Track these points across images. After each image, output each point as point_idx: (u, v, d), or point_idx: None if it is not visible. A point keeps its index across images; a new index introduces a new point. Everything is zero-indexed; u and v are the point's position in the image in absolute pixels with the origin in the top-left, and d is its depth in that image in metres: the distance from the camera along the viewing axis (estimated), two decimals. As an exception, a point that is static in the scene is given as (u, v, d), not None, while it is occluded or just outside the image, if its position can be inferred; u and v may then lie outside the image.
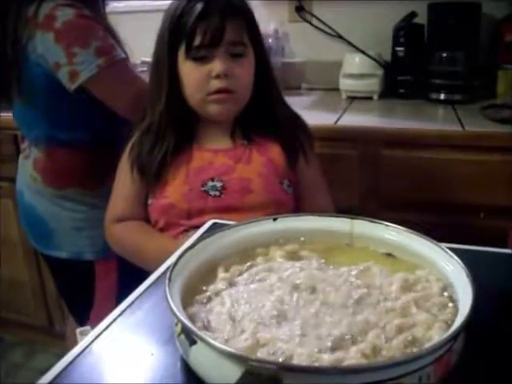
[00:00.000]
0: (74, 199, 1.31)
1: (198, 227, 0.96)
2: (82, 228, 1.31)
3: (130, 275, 0.97)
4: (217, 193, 1.07)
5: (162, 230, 1.11)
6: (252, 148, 1.11)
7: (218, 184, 1.07)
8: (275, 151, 1.12)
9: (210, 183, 1.07)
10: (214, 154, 1.10)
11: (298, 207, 1.15)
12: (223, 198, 1.07)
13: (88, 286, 1.35)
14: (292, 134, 1.14)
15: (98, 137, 1.30)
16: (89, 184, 1.31)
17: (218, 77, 1.02)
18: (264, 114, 1.13)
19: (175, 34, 1.03)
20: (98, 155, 1.30)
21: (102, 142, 1.30)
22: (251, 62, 1.08)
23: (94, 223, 1.28)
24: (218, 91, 1.04)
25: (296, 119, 1.18)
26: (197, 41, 1.01)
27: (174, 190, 1.08)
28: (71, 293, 1.44)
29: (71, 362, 0.54)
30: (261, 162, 1.10)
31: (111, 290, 1.34)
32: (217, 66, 1.02)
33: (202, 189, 1.07)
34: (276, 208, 1.07)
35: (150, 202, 1.12)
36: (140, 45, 1.41)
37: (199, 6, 0.99)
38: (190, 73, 1.04)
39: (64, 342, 1.69)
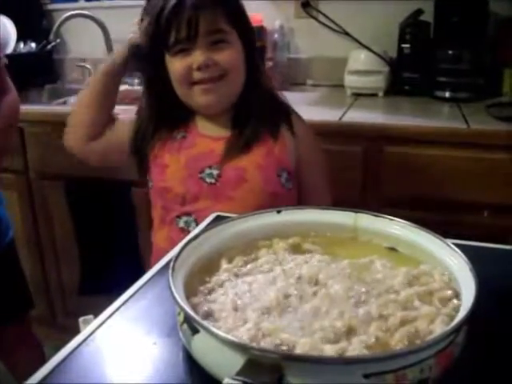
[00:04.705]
0: None
1: (190, 214, 1.07)
2: None
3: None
4: (213, 180, 1.08)
5: (159, 213, 1.13)
6: (251, 137, 1.10)
7: (215, 172, 1.08)
8: (275, 141, 1.11)
9: (208, 170, 1.08)
10: (213, 142, 1.11)
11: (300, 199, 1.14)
12: (218, 186, 1.07)
13: None
14: (279, 123, 1.12)
15: None
16: None
17: (199, 69, 1.02)
18: (259, 103, 1.11)
19: (156, 32, 1.03)
20: None
21: None
22: (236, 48, 1.05)
23: None
24: (202, 81, 1.04)
25: (287, 109, 1.15)
26: (172, 37, 1.01)
27: (173, 175, 1.10)
28: None
29: (74, 351, 0.54)
30: (259, 152, 1.09)
31: None
32: (197, 57, 1.02)
33: (200, 175, 1.08)
34: (271, 201, 1.04)
35: (150, 185, 1.14)
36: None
37: (172, 2, 0.99)
38: (172, 67, 1.05)
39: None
